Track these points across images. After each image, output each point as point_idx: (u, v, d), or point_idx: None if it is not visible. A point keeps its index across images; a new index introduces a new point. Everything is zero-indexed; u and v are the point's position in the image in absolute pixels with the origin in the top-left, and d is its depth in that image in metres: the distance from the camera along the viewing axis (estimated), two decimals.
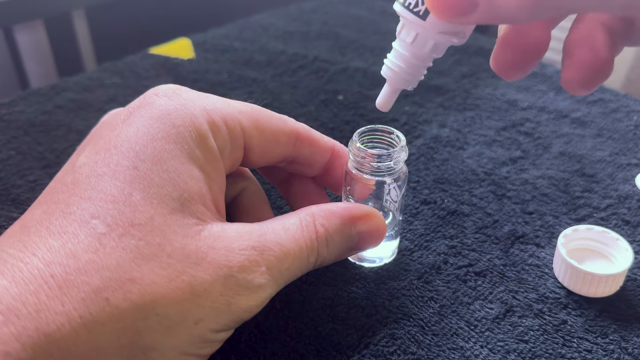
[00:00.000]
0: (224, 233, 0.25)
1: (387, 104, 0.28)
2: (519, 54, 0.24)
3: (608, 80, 0.23)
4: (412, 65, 0.26)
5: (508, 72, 0.25)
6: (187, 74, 0.53)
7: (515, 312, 0.31)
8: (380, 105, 0.28)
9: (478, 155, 0.43)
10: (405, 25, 0.25)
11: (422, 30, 0.24)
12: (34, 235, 0.22)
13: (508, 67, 0.25)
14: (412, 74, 0.26)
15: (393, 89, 0.27)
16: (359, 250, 0.30)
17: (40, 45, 0.90)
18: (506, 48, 0.25)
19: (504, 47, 0.25)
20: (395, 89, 0.27)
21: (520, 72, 0.25)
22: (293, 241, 0.26)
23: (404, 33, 0.25)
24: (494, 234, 0.36)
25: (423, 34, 0.24)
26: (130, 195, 0.23)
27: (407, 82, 0.27)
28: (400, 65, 0.26)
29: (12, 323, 0.19)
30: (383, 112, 0.30)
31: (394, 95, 0.27)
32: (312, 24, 0.64)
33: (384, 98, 0.27)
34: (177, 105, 0.26)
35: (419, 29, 0.24)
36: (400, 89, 0.27)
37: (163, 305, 0.22)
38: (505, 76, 0.25)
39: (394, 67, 0.26)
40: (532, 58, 0.25)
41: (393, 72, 0.26)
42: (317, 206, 0.28)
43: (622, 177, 0.41)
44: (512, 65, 0.25)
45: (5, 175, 0.40)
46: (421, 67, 0.26)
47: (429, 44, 0.25)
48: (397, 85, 0.27)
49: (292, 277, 0.26)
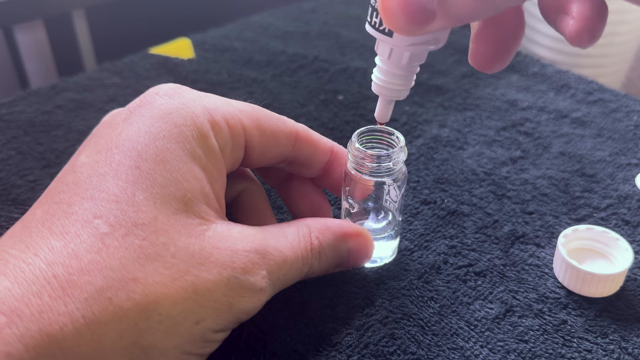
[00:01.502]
0: (228, 233, 0.25)
1: (385, 116, 0.29)
2: (496, 45, 0.24)
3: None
4: (396, 77, 0.27)
5: (488, 66, 0.25)
6: (187, 74, 0.53)
7: (515, 312, 0.31)
8: (379, 117, 0.29)
9: (478, 155, 0.43)
10: (379, 42, 0.25)
11: (393, 45, 0.25)
12: (35, 236, 0.22)
13: (488, 61, 0.25)
14: (399, 84, 0.27)
15: (386, 102, 0.28)
16: (346, 266, 0.30)
17: (40, 45, 0.90)
18: (482, 42, 0.24)
19: (479, 42, 0.24)
20: (388, 101, 0.28)
21: (500, 63, 0.25)
22: (291, 249, 0.27)
23: (380, 49, 0.26)
24: (494, 234, 0.36)
25: (396, 48, 0.25)
26: (133, 195, 0.23)
27: (397, 92, 0.27)
28: (385, 80, 0.27)
29: (15, 324, 0.19)
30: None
31: (389, 107, 0.28)
32: (312, 24, 0.64)
33: (380, 111, 0.29)
34: (178, 104, 0.26)
35: (390, 44, 0.25)
36: (394, 99, 0.28)
37: (166, 305, 0.22)
38: (485, 70, 0.25)
39: (380, 83, 0.27)
40: (509, 46, 0.24)
41: (381, 87, 0.27)
42: (313, 219, 0.29)
43: (622, 177, 0.41)
44: (491, 57, 0.25)
45: (5, 175, 0.40)
46: (406, 76, 0.27)
47: (405, 56, 0.25)
48: (389, 97, 0.28)
49: (286, 284, 0.27)
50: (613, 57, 1.12)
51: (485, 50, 0.24)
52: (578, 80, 0.53)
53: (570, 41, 0.22)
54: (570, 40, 0.22)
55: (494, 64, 0.25)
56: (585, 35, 0.22)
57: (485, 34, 0.24)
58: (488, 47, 0.24)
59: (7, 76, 0.89)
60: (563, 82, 0.53)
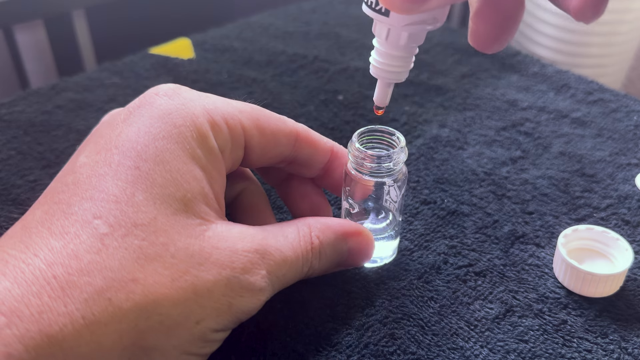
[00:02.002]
0: (228, 233, 0.25)
1: (384, 99, 0.28)
2: (496, 24, 0.24)
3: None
4: (395, 58, 0.26)
5: (488, 46, 0.25)
6: (187, 74, 0.53)
7: (515, 312, 0.31)
8: (377, 100, 0.28)
9: (478, 155, 0.43)
10: (377, 23, 0.25)
11: (391, 25, 0.24)
12: (35, 236, 0.22)
13: (487, 40, 0.24)
14: (398, 65, 0.26)
15: (385, 84, 0.28)
16: (346, 266, 0.30)
17: (40, 45, 0.90)
18: (481, 21, 0.24)
19: (478, 21, 0.24)
20: (387, 84, 0.28)
21: (500, 42, 0.24)
22: (291, 249, 0.26)
23: (377, 30, 0.25)
24: (494, 234, 0.36)
25: (394, 28, 0.25)
26: (132, 196, 0.23)
27: (396, 74, 0.27)
28: (383, 62, 0.26)
29: (15, 325, 0.19)
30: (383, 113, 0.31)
31: (388, 90, 0.28)
32: (312, 24, 0.64)
33: (379, 94, 0.28)
34: (178, 104, 0.26)
35: (388, 24, 0.24)
36: (393, 82, 0.27)
37: (165, 305, 0.22)
38: (485, 50, 0.25)
39: (378, 65, 0.27)
40: (509, 24, 0.24)
41: (379, 70, 0.27)
42: (313, 218, 0.29)
43: (622, 177, 0.41)
44: (491, 37, 0.24)
45: (5, 175, 0.40)
46: (405, 57, 0.26)
47: (402, 36, 0.25)
48: (388, 80, 0.27)
49: (286, 284, 0.27)
50: (613, 57, 1.12)
51: (484, 30, 0.24)
52: (578, 80, 0.53)
53: (575, 16, 0.22)
54: (574, 15, 0.22)
55: (494, 43, 0.24)
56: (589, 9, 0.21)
57: (485, 13, 0.24)
58: (488, 26, 0.24)
59: (7, 76, 0.89)
60: (563, 82, 0.53)
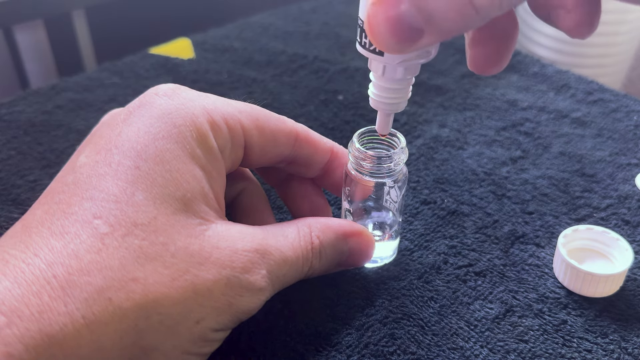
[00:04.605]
0: (228, 233, 0.25)
1: (386, 129, 0.29)
2: (492, 48, 0.24)
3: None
4: (392, 91, 0.27)
5: (488, 69, 0.25)
6: (187, 74, 0.53)
7: (515, 312, 0.31)
8: (380, 130, 0.29)
9: (478, 155, 0.43)
10: (372, 61, 0.26)
11: (386, 63, 0.25)
12: (35, 236, 0.22)
13: (486, 64, 0.25)
14: (396, 97, 0.27)
15: (385, 115, 0.28)
16: (346, 266, 0.30)
17: (40, 45, 0.90)
18: (478, 47, 0.25)
19: (475, 47, 0.25)
20: (387, 114, 0.28)
21: (499, 64, 0.25)
22: (291, 249, 0.27)
23: (373, 67, 0.26)
24: (494, 234, 0.36)
25: (389, 65, 0.25)
26: (132, 195, 0.23)
27: (395, 105, 0.28)
28: (381, 95, 0.27)
29: (15, 324, 0.19)
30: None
31: (388, 119, 0.29)
32: (312, 24, 0.64)
33: (380, 124, 0.29)
34: (178, 104, 0.26)
35: (383, 63, 0.25)
36: (392, 112, 0.28)
37: (165, 304, 0.22)
38: (486, 73, 0.25)
39: (377, 98, 0.27)
40: (506, 46, 0.24)
41: (378, 102, 0.27)
42: (313, 218, 0.29)
43: (622, 177, 0.41)
44: (489, 60, 0.25)
45: (5, 175, 0.40)
46: (402, 89, 0.27)
47: (398, 71, 0.26)
48: (387, 111, 0.28)
49: (286, 284, 0.27)
50: (613, 57, 1.12)
51: (482, 54, 0.25)
52: (578, 80, 0.53)
53: (570, 34, 0.22)
54: (569, 34, 0.22)
55: (493, 66, 0.25)
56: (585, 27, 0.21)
57: (480, 38, 0.24)
58: (485, 51, 0.25)
59: (7, 76, 0.89)
60: (563, 82, 0.53)
